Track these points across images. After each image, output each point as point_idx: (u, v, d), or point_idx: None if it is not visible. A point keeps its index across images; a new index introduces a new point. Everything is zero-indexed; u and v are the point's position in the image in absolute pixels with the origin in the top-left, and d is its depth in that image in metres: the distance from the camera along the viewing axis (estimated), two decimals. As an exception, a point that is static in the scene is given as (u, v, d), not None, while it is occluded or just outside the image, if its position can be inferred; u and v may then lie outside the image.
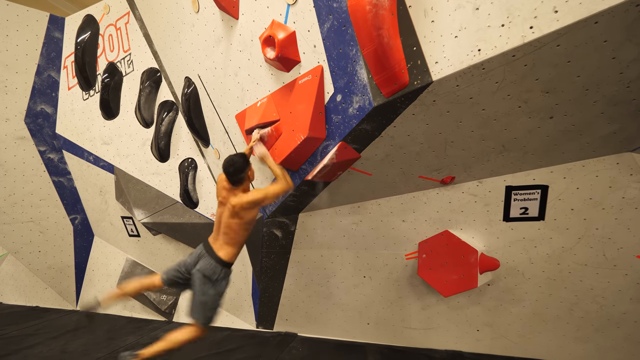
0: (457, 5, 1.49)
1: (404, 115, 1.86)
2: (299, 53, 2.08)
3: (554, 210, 2.51)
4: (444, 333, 3.29)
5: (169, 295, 4.55)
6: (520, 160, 2.28)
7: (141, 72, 4.01)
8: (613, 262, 2.56)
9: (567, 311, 2.86)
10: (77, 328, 4.46)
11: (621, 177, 2.25)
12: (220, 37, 2.64)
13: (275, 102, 2.36)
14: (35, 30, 4.33)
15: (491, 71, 1.56)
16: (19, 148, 4.48)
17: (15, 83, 4.33)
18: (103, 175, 4.58)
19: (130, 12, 3.95)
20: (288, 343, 3.66)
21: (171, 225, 4.00)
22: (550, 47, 1.43)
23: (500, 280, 2.92)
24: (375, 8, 1.51)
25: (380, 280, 3.30)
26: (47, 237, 4.92)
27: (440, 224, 2.83)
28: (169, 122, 3.93)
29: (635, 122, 1.88)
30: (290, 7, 2.00)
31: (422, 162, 2.33)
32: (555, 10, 1.34)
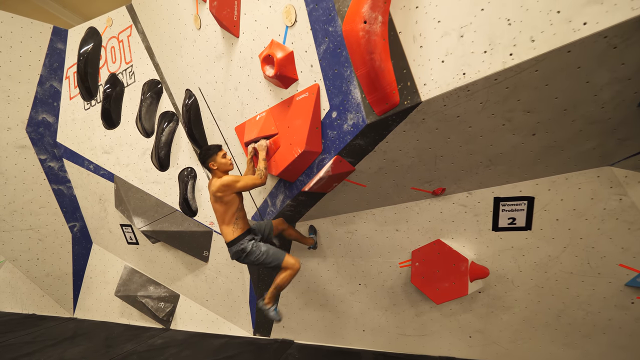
0: (443, 32, 1.61)
1: (395, 131, 1.97)
2: (297, 71, 2.19)
3: (540, 221, 2.62)
4: (438, 339, 3.36)
5: (167, 303, 4.59)
6: (506, 173, 2.39)
7: (142, 84, 4.12)
8: (597, 270, 2.66)
9: (555, 318, 2.95)
10: (75, 335, 4.48)
11: (602, 189, 2.37)
12: (222, 53, 2.75)
13: (273, 117, 2.47)
14: (38, 41, 4.43)
15: (475, 93, 1.67)
16: (19, 156, 4.55)
17: (18, 93, 4.41)
18: (103, 184, 4.64)
19: (133, 25, 4.06)
20: (285, 350, 3.71)
21: (170, 233, 4.07)
22: (529, 72, 1.55)
23: (490, 288, 3.01)
24: (367, 34, 1.62)
25: (375, 287, 3.38)
26: (46, 244, 4.96)
27: (432, 233, 2.93)
28: (170, 132, 4.02)
29: (612, 139, 2.01)
30: (289, 28, 2.12)
31: (414, 175, 2.44)
32: (532, 40, 1.46)
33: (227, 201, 2.51)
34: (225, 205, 2.53)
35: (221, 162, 2.54)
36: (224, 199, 2.50)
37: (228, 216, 2.56)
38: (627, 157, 2.18)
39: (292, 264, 2.64)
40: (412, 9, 1.65)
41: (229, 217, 2.56)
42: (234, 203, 2.54)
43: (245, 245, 2.57)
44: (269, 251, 2.61)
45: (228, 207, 2.54)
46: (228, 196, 2.50)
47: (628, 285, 2.64)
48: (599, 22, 1.35)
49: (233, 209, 2.55)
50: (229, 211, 2.55)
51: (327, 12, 1.88)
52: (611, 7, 1.32)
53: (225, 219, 2.57)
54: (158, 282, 4.75)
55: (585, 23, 1.37)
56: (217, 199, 2.51)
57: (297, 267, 2.67)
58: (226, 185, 2.45)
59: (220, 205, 2.53)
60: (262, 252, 2.59)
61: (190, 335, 4.27)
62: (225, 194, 2.48)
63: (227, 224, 2.59)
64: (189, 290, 4.46)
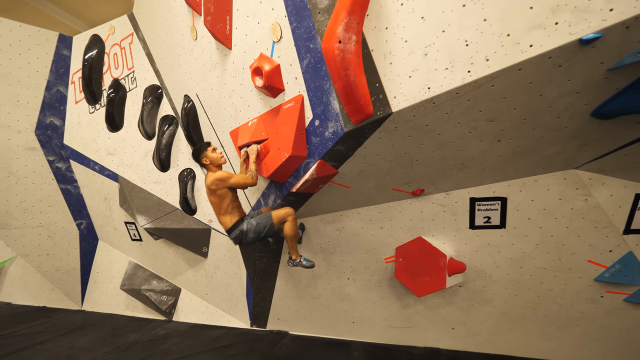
0: (409, 51, 1.78)
1: (372, 138, 2.15)
2: (283, 83, 2.38)
3: (514, 220, 2.79)
4: (423, 331, 3.55)
5: (169, 297, 4.83)
6: (479, 175, 2.57)
7: (144, 89, 4.32)
8: (568, 265, 2.83)
9: (531, 311, 3.12)
10: (84, 326, 4.74)
11: (568, 190, 2.54)
12: (216, 63, 2.94)
13: (264, 123, 2.66)
14: (45, 48, 4.65)
15: (440, 105, 1.85)
16: (29, 158, 4.78)
17: (27, 98, 4.64)
18: (108, 184, 4.87)
19: (134, 33, 4.26)
20: (280, 340, 3.93)
21: (171, 230, 4.29)
22: (487, 87, 1.73)
23: (470, 282, 3.19)
24: (342, 52, 1.81)
25: (363, 282, 3.57)
26: (55, 241, 5.21)
27: (414, 231, 3.12)
28: (170, 135, 4.23)
29: (572, 145, 2.17)
30: (275, 43, 2.31)
31: (393, 177, 2.63)
32: (487, 59, 1.64)
33: (221, 194, 2.70)
34: (219, 198, 2.72)
35: (212, 156, 2.73)
36: (217, 192, 2.68)
37: (224, 207, 2.75)
38: (589, 160, 2.34)
39: (284, 214, 2.79)
40: (383, 29, 1.82)
41: (225, 208, 2.75)
42: (227, 196, 2.73)
43: (241, 225, 2.76)
44: (258, 220, 2.78)
45: (222, 200, 2.72)
46: (221, 190, 2.68)
47: (597, 280, 2.80)
48: (543, 44, 1.52)
49: (227, 201, 2.74)
50: (223, 203, 2.73)
51: (308, 31, 2.06)
52: (552, 32, 1.49)
53: (222, 210, 2.77)
54: (160, 277, 4.99)
55: (531, 45, 1.54)
56: (211, 192, 2.71)
57: (290, 212, 2.81)
58: (219, 179, 2.64)
59: (215, 197, 2.72)
60: (254, 225, 2.76)
61: (191, 327, 4.51)
62: (218, 188, 2.66)
63: (223, 214, 2.78)
64: (189, 284, 4.70)
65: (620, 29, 1.40)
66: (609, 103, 1.77)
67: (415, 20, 1.72)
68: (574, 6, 1.42)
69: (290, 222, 2.79)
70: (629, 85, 1.66)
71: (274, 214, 2.79)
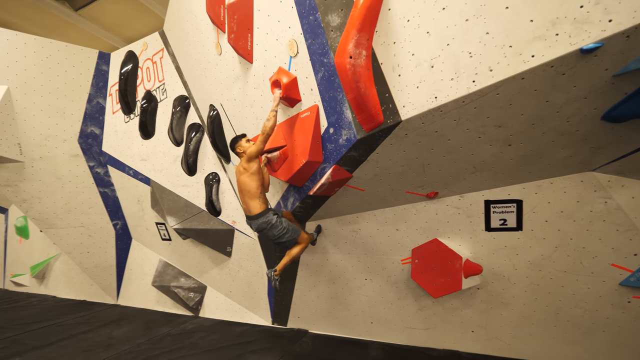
0: (417, 63, 1.89)
1: (383, 144, 2.26)
2: (300, 94, 2.54)
3: (530, 222, 2.80)
4: (442, 333, 3.56)
5: (196, 293, 5.12)
6: (492, 178, 2.60)
7: (173, 99, 4.64)
8: (590, 269, 2.79)
9: (553, 315, 3.08)
10: (120, 319, 5.13)
11: (586, 193, 2.52)
12: (239, 76, 3.16)
13: (282, 131, 2.84)
14: (87, 64, 5.10)
15: (448, 112, 1.94)
16: (73, 164, 5.25)
17: (71, 110, 5.10)
18: (141, 187, 5.25)
19: (165, 48, 4.60)
20: (300, 338, 4.08)
21: (198, 230, 4.57)
22: (492, 95, 1.80)
23: (488, 285, 3.20)
24: (353, 67, 1.94)
25: (380, 282, 3.66)
26: (95, 239, 5.67)
27: (430, 233, 3.18)
28: (196, 142, 4.52)
29: (585, 148, 2.18)
30: (292, 58, 2.48)
31: (406, 180, 2.72)
32: (490, 69, 1.72)
33: (253, 172, 2.83)
34: (251, 177, 2.83)
35: (245, 146, 2.94)
36: (249, 169, 2.82)
37: (253, 189, 2.86)
38: (605, 163, 2.33)
39: (306, 239, 3.14)
40: (391, 44, 1.94)
41: (254, 190, 2.86)
42: (257, 176, 2.85)
43: (271, 218, 2.90)
44: (289, 227, 2.99)
45: (252, 180, 2.84)
46: (252, 166, 2.82)
47: (622, 285, 2.74)
48: (544, 54, 1.58)
49: (257, 183, 2.86)
50: (253, 183, 2.84)
51: (322, 47, 2.21)
52: (553, 42, 1.55)
53: (251, 192, 2.86)
54: (188, 274, 5.30)
55: (533, 55, 1.61)
56: (244, 171, 2.84)
57: (309, 241, 3.16)
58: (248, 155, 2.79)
59: (246, 176, 2.83)
60: (284, 227, 2.95)
61: (216, 322, 4.77)
62: (249, 164, 2.81)
63: (252, 198, 2.88)
64: (214, 282, 4.97)
65: (621, 38, 1.45)
66: (619, 107, 1.79)
67: (421, 35, 1.83)
68: (573, 18, 1.48)
69: (302, 247, 3.12)
70: (637, 89, 1.67)
71: (302, 235, 3.11)
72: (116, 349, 4.02)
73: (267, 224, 2.90)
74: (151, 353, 3.83)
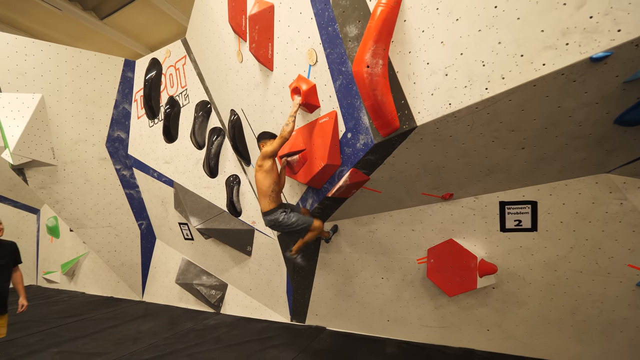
0: (431, 72, 1.99)
1: (399, 148, 2.37)
2: (319, 100, 2.67)
3: (545, 223, 2.84)
4: (457, 331, 3.62)
5: (217, 291, 5.33)
6: (507, 180, 2.66)
7: (195, 104, 4.86)
8: (606, 270, 2.81)
9: (569, 315, 3.10)
10: (146, 314, 5.40)
11: (601, 194, 2.55)
12: (259, 82, 3.31)
13: (301, 135, 2.98)
14: (113, 72, 5.39)
15: (462, 118, 2.03)
16: (101, 167, 5.55)
17: (100, 115, 5.40)
18: (164, 189, 5.50)
19: (187, 55, 4.82)
20: (317, 335, 4.21)
21: (219, 230, 4.77)
22: (504, 102, 1.88)
23: (503, 284, 3.25)
24: (370, 75, 2.06)
25: (397, 281, 3.75)
26: (121, 239, 5.97)
27: (445, 233, 3.25)
28: (218, 145, 4.72)
29: (599, 151, 2.22)
30: (312, 66, 2.61)
31: (422, 182, 2.81)
32: (503, 77, 1.80)
33: (267, 169, 2.96)
34: (265, 174, 2.97)
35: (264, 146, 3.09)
36: (264, 167, 2.96)
37: (265, 186, 3.00)
38: (620, 165, 2.36)
39: (318, 226, 3.25)
40: (406, 53, 2.05)
41: (266, 189, 3.00)
42: (271, 175, 2.98)
43: (277, 216, 3.03)
44: (300, 219, 3.12)
45: (266, 177, 2.97)
46: (266, 164, 2.96)
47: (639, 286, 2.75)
48: (555, 63, 1.66)
49: (270, 181, 2.99)
50: (266, 181, 2.98)
51: (340, 56, 2.33)
52: (563, 51, 1.63)
53: (263, 190, 3.00)
54: (210, 273, 5.52)
55: (544, 64, 1.69)
56: (259, 168, 2.98)
57: (322, 227, 3.26)
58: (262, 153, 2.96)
59: (261, 173, 2.97)
60: (294, 221, 3.07)
61: (237, 319, 4.96)
62: (264, 161, 2.95)
63: (263, 196, 3.02)
64: (235, 280, 5.16)
65: (630, 47, 1.51)
66: (631, 112, 1.84)
67: (435, 45, 1.92)
68: (583, 28, 1.55)
69: (315, 233, 3.25)
70: (649, 95, 1.72)
71: (315, 223, 3.22)
72: (144, 342, 4.25)
73: (274, 221, 3.05)
74: (177, 347, 4.04)
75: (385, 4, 1.95)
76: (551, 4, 1.61)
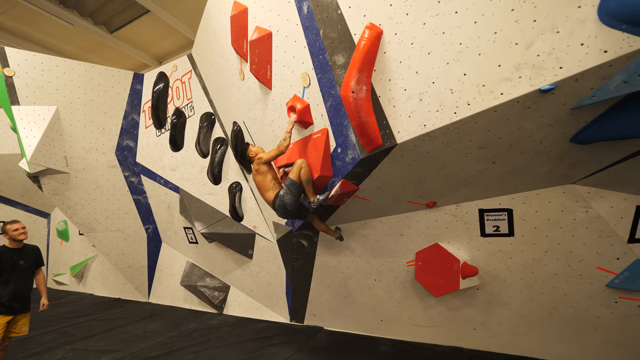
0: (408, 97, 2.26)
1: (383, 162, 2.64)
2: (312, 118, 2.95)
3: (521, 228, 3.09)
4: (446, 331, 3.84)
5: (220, 292, 5.60)
6: (483, 190, 2.92)
7: (200, 115, 5.16)
8: (578, 272, 3.05)
9: (548, 314, 3.33)
10: (152, 315, 5.67)
11: (569, 203, 2.80)
12: (259, 99, 3.60)
13: (297, 148, 3.26)
14: (123, 84, 5.72)
15: (435, 137, 2.30)
16: (111, 174, 5.86)
17: (110, 125, 5.72)
18: (170, 195, 5.79)
19: (192, 70, 5.13)
20: (315, 334, 4.45)
21: (222, 234, 5.05)
22: (471, 124, 2.15)
23: (486, 285, 3.49)
24: (355, 100, 2.33)
25: (388, 283, 4.00)
26: (129, 242, 6.26)
27: (431, 238, 3.51)
28: (221, 154, 5.02)
29: (562, 165, 2.48)
30: (306, 88, 2.89)
31: (407, 192, 3.07)
32: (468, 103, 2.07)
33: (263, 172, 3.26)
34: (262, 176, 3.26)
35: (254, 150, 3.40)
36: (260, 170, 3.25)
37: (266, 183, 3.26)
38: (584, 177, 2.61)
39: (298, 166, 3.04)
40: (387, 81, 2.32)
41: (268, 184, 3.26)
42: (268, 173, 3.26)
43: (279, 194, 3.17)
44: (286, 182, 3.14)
45: (264, 177, 3.26)
46: (262, 167, 3.24)
47: (608, 286, 2.98)
48: (511, 93, 1.93)
49: (270, 177, 3.27)
50: (266, 179, 3.26)
51: (330, 81, 2.61)
52: (517, 83, 1.90)
53: (266, 186, 3.27)
54: (213, 275, 5.79)
55: (502, 93, 1.96)
56: (257, 173, 3.27)
57: (301, 161, 3.04)
58: (258, 157, 3.23)
59: (259, 176, 3.26)
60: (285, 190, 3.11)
61: (239, 319, 5.22)
62: (259, 166, 3.23)
63: (267, 190, 3.27)
64: (237, 282, 5.43)
65: (571, 81, 1.77)
66: (582, 132, 2.10)
67: (411, 74, 2.20)
68: (532, 65, 1.82)
69: (304, 169, 3.01)
70: (594, 119, 1.98)
71: (291, 173, 3.09)
72: (152, 340, 4.52)
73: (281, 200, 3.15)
74: (183, 344, 4.31)
75: (367, 39, 2.23)
76: (506, 43, 1.88)
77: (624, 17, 1.55)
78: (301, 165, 3.02)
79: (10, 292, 3.21)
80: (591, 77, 1.75)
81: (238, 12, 3.40)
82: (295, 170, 3.05)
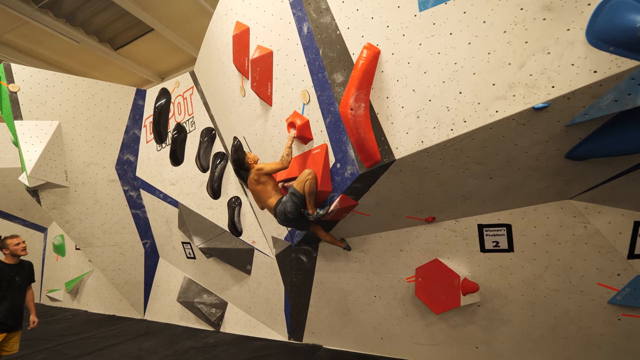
0: (406, 114, 2.31)
1: (382, 178, 2.66)
2: (312, 134, 3.00)
3: (520, 244, 3.08)
4: (447, 349, 3.77)
5: (217, 309, 5.51)
6: (481, 205, 2.94)
7: (201, 130, 5.22)
8: (579, 288, 3.02)
9: (550, 332, 3.27)
10: (147, 333, 5.55)
11: (567, 218, 2.82)
12: (260, 115, 3.67)
13: (297, 163, 3.29)
14: (125, 100, 5.81)
15: (433, 153, 2.33)
16: (110, 188, 5.87)
17: (111, 140, 5.78)
18: (169, 209, 5.79)
19: (194, 86, 5.23)
20: (314, 353, 4.35)
21: (221, 250, 5.01)
22: (468, 140, 2.19)
23: (487, 302, 3.45)
24: (354, 117, 2.38)
25: (388, 299, 3.95)
26: (126, 257, 6.20)
27: (431, 254, 3.49)
28: (221, 169, 5.05)
29: (558, 180, 2.51)
30: (305, 105, 2.96)
31: (406, 207, 3.08)
32: (464, 120, 2.12)
33: (263, 182, 3.27)
34: (263, 185, 3.28)
35: (251, 156, 3.43)
36: (260, 180, 3.26)
37: (268, 192, 3.28)
38: (581, 192, 2.64)
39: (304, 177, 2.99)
40: (384, 98, 2.38)
41: (270, 192, 3.28)
42: (269, 182, 3.29)
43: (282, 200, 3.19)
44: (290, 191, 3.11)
45: (266, 186, 3.28)
46: (262, 178, 3.26)
47: (611, 303, 2.96)
48: (506, 110, 1.98)
49: (270, 186, 3.29)
50: (267, 188, 3.28)
51: (329, 98, 2.67)
52: (511, 101, 1.95)
53: (267, 194, 3.29)
54: (210, 291, 5.71)
55: (497, 111, 2.00)
56: (256, 182, 3.28)
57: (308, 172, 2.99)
58: (258, 168, 3.23)
59: (260, 185, 3.28)
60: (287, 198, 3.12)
61: (236, 337, 5.11)
62: (259, 176, 3.25)
63: (269, 197, 3.29)
64: (235, 299, 5.35)
65: (563, 99, 1.83)
66: (577, 149, 2.13)
67: (408, 92, 2.26)
68: (525, 84, 1.88)
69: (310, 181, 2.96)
70: (588, 136, 2.03)
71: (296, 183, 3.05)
72: (146, 359, 4.42)
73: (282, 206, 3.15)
74: (178, 363, 4.21)
75: (365, 58, 2.30)
76: (499, 63, 1.94)
77: (610, 39, 1.62)
78: (307, 177, 2.97)
79: (5, 308, 3.16)
80: (583, 95, 1.80)
81: (240, 32, 3.50)
82: (301, 180, 3.01)
